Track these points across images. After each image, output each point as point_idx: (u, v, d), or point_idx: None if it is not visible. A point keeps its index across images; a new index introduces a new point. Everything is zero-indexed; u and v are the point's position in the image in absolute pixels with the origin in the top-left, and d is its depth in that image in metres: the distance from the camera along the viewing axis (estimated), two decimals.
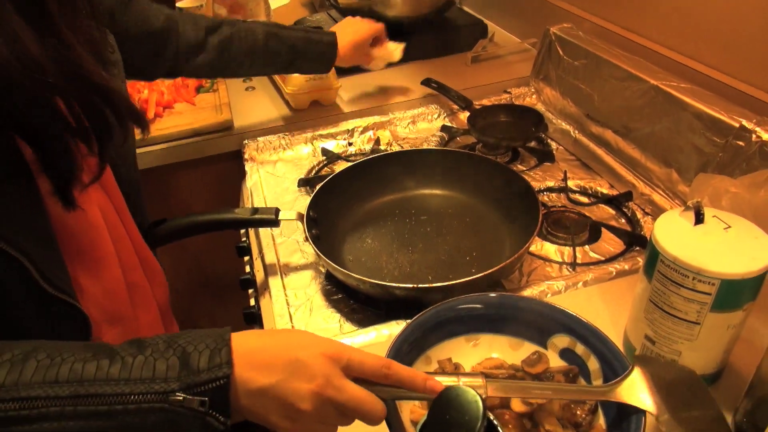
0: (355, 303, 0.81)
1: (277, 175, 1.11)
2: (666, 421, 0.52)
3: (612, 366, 0.57)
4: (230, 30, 1.02)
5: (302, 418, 0.47)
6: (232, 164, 1.20)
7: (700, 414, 0.55)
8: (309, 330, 0.77)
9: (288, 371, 0.47)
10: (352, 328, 0.77)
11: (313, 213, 0.86)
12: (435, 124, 1.24)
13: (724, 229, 0.58)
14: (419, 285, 0.72)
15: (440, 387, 0.49)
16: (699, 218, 0.58)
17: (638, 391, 0.55)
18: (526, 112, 1.17)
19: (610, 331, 0.69)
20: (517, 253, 0.75)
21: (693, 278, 0.55)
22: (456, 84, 1.25)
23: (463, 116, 1.20)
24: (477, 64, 1.40)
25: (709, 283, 0.54)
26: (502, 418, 0.57)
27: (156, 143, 1.15)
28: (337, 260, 0.84)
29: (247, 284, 0.93)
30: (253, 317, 0.88)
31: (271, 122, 1.22)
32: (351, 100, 1.28)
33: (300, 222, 0.84)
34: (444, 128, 1.20)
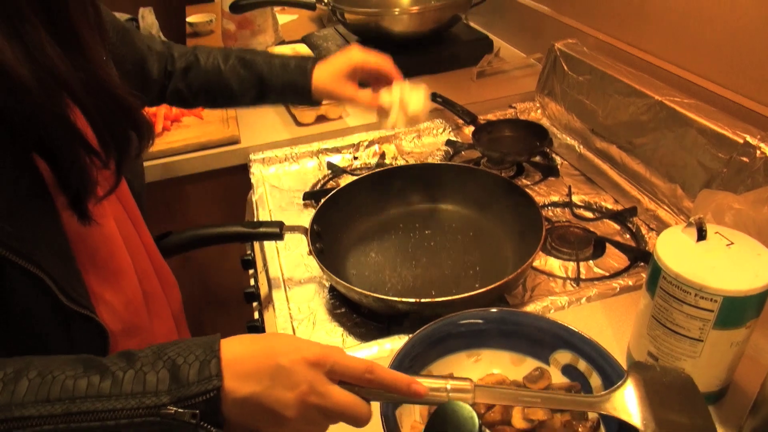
0: (358, 317, 0.81)
1: (282, 188, 1.12)
2: None
3: (614, 383, 0.57)
4: (197, 54, 0.93)
5: (288, 423, 0.48)
6: (239, 178, 1.21)
7: (690, 422, 0.54)
8: None
9: (271, 379, 0.47)
10: (354, 342, 0.78)
11: (317, 227, 0.87)
12: (440, 138, 1.24)
13: (727, 245, 0.58)
14: (421, 299, 0.72)
15: (423, 390, 0.49)
16: (701, 235, 0.58)
17: (627, 404, 0.54)
18: (531, 127, 1.17)
19: (613, 347, 0.69)
20: (521, 268, 0.75)
21: (695, 295, 0.55)
22: (461, 99, 1.25)
23: (468, 131, 1.20)
24: (482, 79, 1.41)
25: (711, 300, 0.54)
26: None
27: (163, 156, 1.17)
28: (341, 274, 0.84)
29: (251, 297, 0.94)
30: (256, 331, 0.88)
31: (277, 136, 1.23)
32: (356, 114, 1.29)
33: (304, 236, 0.84)
34: (449, 143, 1.21)
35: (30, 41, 0.45)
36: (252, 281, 0.99)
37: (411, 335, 0.61)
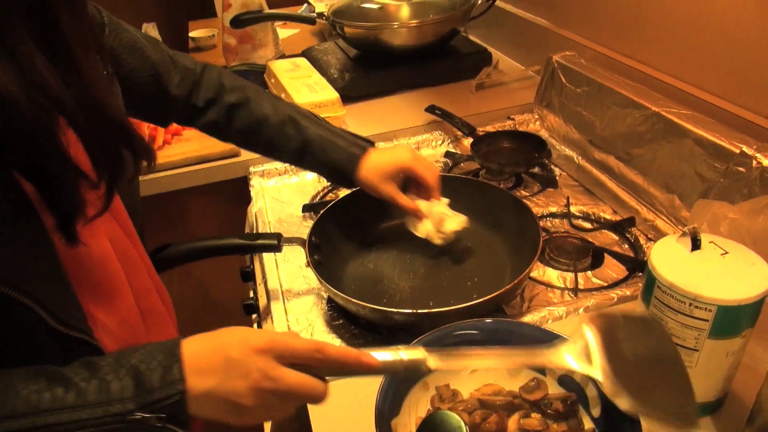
0: (356, 328, 0.81)
1: (282, 200, 1.13)
2: (611, 389, 0.51)
3: None
4: (249, 95, 0.88)
5: (249, 412, 0.49)
6: (239, 190, 1.22)
7: (657, 366, 0.54)
8: None
9: (224, 372, 0.49)
10: None
11: (316, 238, 0.87)
12: (439, 150, 1.25)
13: (722, 255, 0.58)
14: (419, 310, 0.72)
15: (375, 362, 0.51)
16: (696, 244, 0.58)
17: (583, 356, 0.53)
18: (530, 139, 1.18)
19: None
20: (518, 279, 0.75)
21: (690, 304, 0.55)
22: (460, 111, 1.26)
23: (467, 142, 1.21)
24: (481, 91, 1.42)
25: (706, 309, 0.54)
26: None
27: (164, 170, 1.17)
28: (339, 285, 0.84)
29: (250, 309, 0.94)
30: None
31: None
32: (356, 126, 1.30)
33: (302, 247, 0.85)
34: (448, 154, 1.21)
35: (20, 57, 0.44)
36: (251, 293, 0.99)
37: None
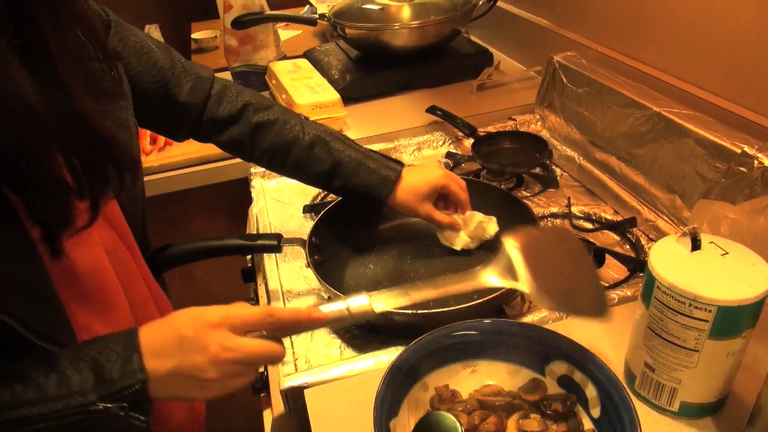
0: (356, 329, 0.81)
1: (283, 201, 1.13)
2: (537, 298, 0.60)
3: (609, 393, 0.57)
4: (276, 115, 0.87)
5: (213, 384, 0.51)
6: (240, 191, 1.22)
7: (571, 272, 0.63)
8: (310, 356, 0.78)
9: (182, 351, 0.50)
10: (352, 354, 0.77)
11: (316, 239, 0.87)
12: (440, 150, 1.25)
13: (722, 255, 0.57)
14: (418, 311, 0.72)
15: (324, 315, 0.55)
16: (695, 244, 0.58)
17: (509, 272, 0.61)
18: (531, 139, 1.18)
19: (611, 357, 0.69)
20: None
21: (689, 305, 0.54)
22: (461, 111, 1.26)
23: (468, 143, 1.21)
24: (482, 91, 1.42)
25: (705, 309, 0.54)
26: None
27: (165, 171, 1.18)
28: (339, 286, 0.84)
29: None
30: None
31: None
32: (357, 127, 1.30)
33: (302, 248, 0.85)
34: (449, 155, 1.21)
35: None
36: (252, 293, 0.99)
37: (405, 347, 0.61)
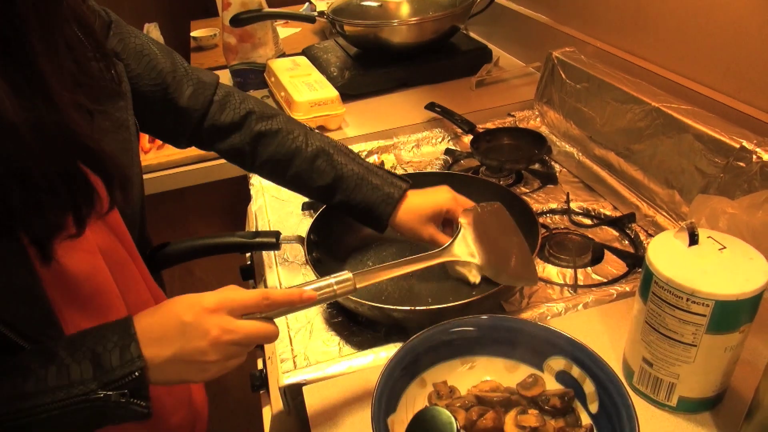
0: (355, 326, 0.81)
1: (281, 198, 1.13)
2: (490, 271, 0.73)
3: (607, 388, 0.56)
4: (280, 125, 0.85)
5: (213, 366, 0.53)
6: (239, 189, 1.22)
7: (508, 241, 0.76)
8: (309, 353, 0.78)
9: (183, 336, 0.51)
10: (351, 351, 0.77)
11: (314, 236, 0.87)
12: (439, 147, 1.25)
13: (719, 250, 0.57)
14: (417, 307, 0.72)
15: (314, 295, 0.58)
16: (693, 239, 0.58)
17: (465, 248, 0.75)
18: (530, 135, 1.17)
19: (609, 353, 0.69)
20: None
21: (687, 299, 0.54)
22: (460, 108, 1.26)
23: (467, 140, 1.20)
24: (481, 88, 1.41)
25: (703, 304, 0.54)
26: None
27: (164, 169, 1.18)
28: None
29: None
30: None
31: None
32: (356, 124, 1.30)
33: (301, 245, 0.85)
34: (448, 151, 1.21)
35: None
36: None
37: (403, 343, 0.61)
